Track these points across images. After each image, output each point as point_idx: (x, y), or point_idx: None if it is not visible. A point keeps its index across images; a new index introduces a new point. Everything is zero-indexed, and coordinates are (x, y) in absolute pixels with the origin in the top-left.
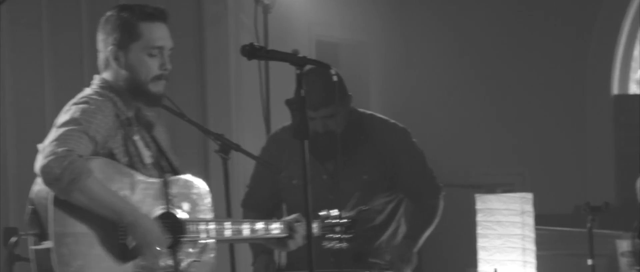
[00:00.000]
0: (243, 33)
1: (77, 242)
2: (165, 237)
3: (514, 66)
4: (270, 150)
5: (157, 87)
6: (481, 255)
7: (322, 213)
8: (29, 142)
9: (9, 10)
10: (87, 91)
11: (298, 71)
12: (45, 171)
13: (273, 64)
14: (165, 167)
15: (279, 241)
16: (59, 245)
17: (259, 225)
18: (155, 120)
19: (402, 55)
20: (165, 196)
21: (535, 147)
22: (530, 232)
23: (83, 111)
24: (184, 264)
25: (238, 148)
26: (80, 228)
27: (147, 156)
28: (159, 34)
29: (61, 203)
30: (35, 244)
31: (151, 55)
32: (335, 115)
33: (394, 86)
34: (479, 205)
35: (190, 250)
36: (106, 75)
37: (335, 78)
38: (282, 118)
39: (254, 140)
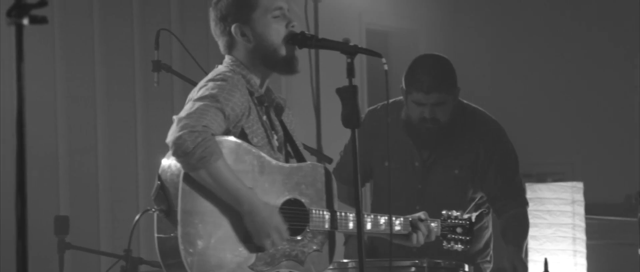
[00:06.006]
0: (295, 20)
1: (203, 222)
2: (285, 227)
3: (564, 55)
4: (364, 125)
5: (289, 50)
6: (531, 244)
7: (443, 212)
8: (80, 132)
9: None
10: (222, 68)
11: (349, 60)
12: (178, 143)
13: (323, 53)
14: (291, 153)
15: (401, 236)
16: (185, 224)
17: (382, 220)
18: (284, 103)
19: (452, 44)
20: (294, 181)
21: (586, 136)
22: (580, 222)
23: (221, 88)
24: (305, 253)
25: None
26: (208, 207)
27: (275, 138)
28: None
29: (191, 180)
30: (161, 220)
31: (275, 18)
32: (444, 104)
33: None
34: (530, 194)
35: (313, 239)
36: (235, 54)
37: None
38: (333, 107)
39: (304, 129)
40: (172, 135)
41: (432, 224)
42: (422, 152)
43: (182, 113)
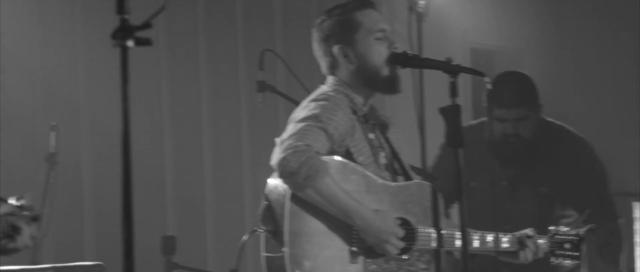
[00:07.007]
0: (397, 41)
1: (310, 242)
2: (401, 229)
3: None
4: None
5: (392, 70)
6: None
7: (551, 228)
8: (186, 152)
9: (166, 18)
10: (324, 88)
11: (452, 79)
12: (283, 164)
13: (427, 72)
14: (398, 170)
15: (509, 253)
16: (293, 244)
17: (490, 237)
18: (389, 121)
19: (558, 62)
20: (400, 200)
21: None
22: None
23: (323, 108)
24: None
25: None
26: (314, 228)
27: (381, 156)
28: (376, 17)
29: (298, 200)
30: (268, 240)
31: (377, 39)
32: (527, 119)
33: (549, 93)
34: (637, 213)
35: (420, 258)
36: (338, 75)
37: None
38: (437, 126)
39: (409, 148)
40: (276, 157)
41: (540, 241)
42: (508, 170)
43: (285, 135)
